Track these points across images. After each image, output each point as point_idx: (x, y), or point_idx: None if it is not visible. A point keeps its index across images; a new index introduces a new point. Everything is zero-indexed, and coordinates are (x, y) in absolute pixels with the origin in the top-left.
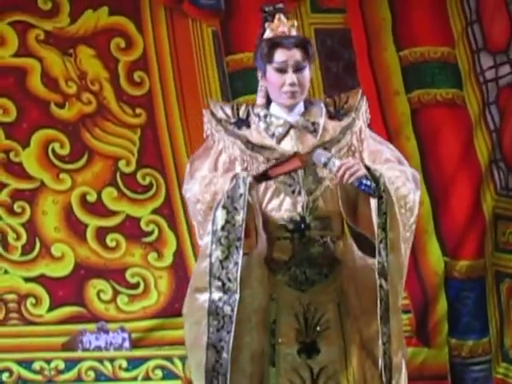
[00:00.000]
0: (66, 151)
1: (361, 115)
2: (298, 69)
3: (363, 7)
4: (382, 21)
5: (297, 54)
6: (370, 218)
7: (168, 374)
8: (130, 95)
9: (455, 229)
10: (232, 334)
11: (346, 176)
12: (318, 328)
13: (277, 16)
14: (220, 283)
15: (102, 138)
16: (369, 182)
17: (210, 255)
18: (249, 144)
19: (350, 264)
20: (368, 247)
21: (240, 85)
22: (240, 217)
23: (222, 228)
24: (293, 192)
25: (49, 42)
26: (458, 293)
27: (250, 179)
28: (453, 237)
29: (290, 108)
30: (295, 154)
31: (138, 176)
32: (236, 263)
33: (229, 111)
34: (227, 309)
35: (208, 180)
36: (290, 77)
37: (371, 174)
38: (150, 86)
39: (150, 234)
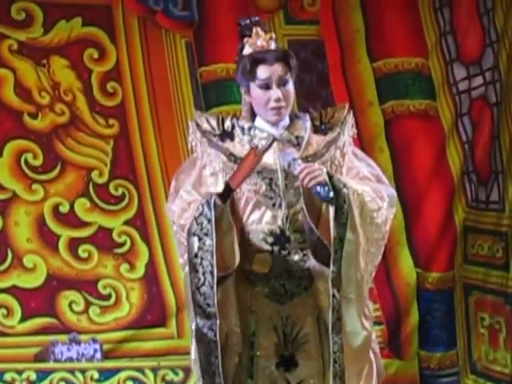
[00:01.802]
0: (38, 162)
1: (346, 130)
2: (281, 83)
3: (337, 19)
4: (355, 32)
5: (279, 69)
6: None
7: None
8: (103, 106)
9: (427, 240)
10: (219, 359)
11: (306, 180)
12: (297, 342)
13: (254, 30)
14: (201, 310)
15: (75, 149)
16: (326, 189)
17: (191, 283)
18: (231, 156)
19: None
20: (325, 256)
21: (213, 96)
22: (210, 242)
23: (195, 255)
24: (273, 205)
25: (22, 52)
26: (429, 304)
27: (217, 201)
28: (425, 248)
29: (275, 122)
30: (251, 149)
31: (111, 187)
32: (211, 287)
33: (214, 123)
34: (210, 334)
35: (185, 204)
36: (275, 92)
37: (333, 183)
38: (122, 97)
39: (122, 245)
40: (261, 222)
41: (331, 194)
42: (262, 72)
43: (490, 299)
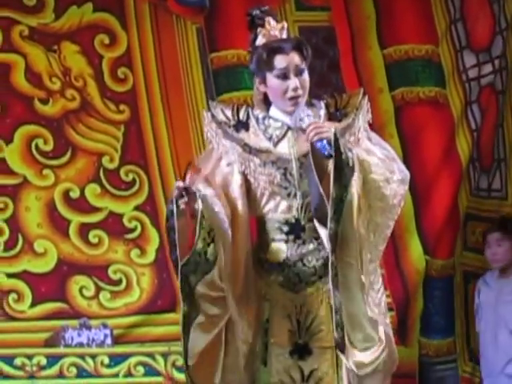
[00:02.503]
0: (49, 147)
1: (361, 115)
2: (298, 72)
3: (348, 5)
4: (366, 19)
5: (295, 58)
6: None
7: (150, 371)
8: (113, 91)
9: (435, 227)
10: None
11: (312, 134)
12: (311, 330)
13: (267, 19)
14: None
15: (86, 134)
16: (327, 146)
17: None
18: (246, 147)
19: None
20: (325, 215)
21: (224, 82)
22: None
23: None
24: (288, 195)
25: (33, 37)
26: (431, 291)
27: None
28: (433, 235)
29: (292, 111)
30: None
31: (122, 172)
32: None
33: (229, 113)
34: None
35: None
36: (293, 82)
37: (338, 143)
38: (133, 83)
39: (132, 230)
40: (276, 211)
41: (328, 151)
42: (280, 61)
43: None
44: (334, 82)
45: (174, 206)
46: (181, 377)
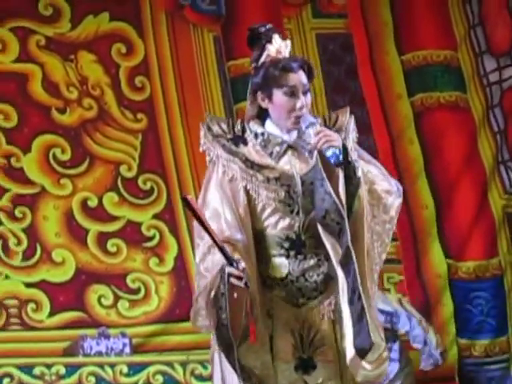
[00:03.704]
0: (67, 156)
1: (350, 134)
2: (304, 92)
3: (365, 12)
4: (383, 25)
5: (302, 77)
6: None
7: (168, 380)
8: (131, 100)
9: (460, 231)
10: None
11: (322, 141)
12: (314, 345)
13: (273, 36)
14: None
15: (103, 143)
16: (337, 153)
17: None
18: (248, 162)
19: None
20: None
21: (241, 90)
22: (225, 315)
23: (217, 327)
24: (291, 212)
25: (50, 47)
26: (465, 293)
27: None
28: (457, 239)
29: (292, 129)
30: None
31: (139, 181)
32: (234, 359)
33: (225, 126)
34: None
35: (206, 248)
36: (301, 101)
37: (347, 151)
38: (151, 91)
39: (151, 239)
40: (276, 226)
41: (340, 159)
42: (291, 79)
43: None
44: (352, 88)
45: (226, 285)
46: None
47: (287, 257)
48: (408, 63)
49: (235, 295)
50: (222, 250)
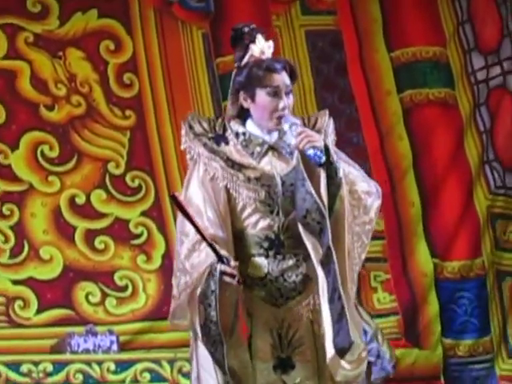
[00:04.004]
0: (55, 153)
1: (329, 136)
2: (287, 92)
3: (354, 9)
4: (373, 22)
5: (285, 78)
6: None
7: (156, 377)
8: (119, 97)
9: (445, 230)
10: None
11: (304, 141)
12: (292, 344)
13: (257, 37)
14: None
15: (92, 141)
16: (319, 153)
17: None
18: (229, 161)
19: None
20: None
21: (230, 87)
22: (213, 314)
23: (205, 324)
24: (271, 212)
25: (38, 44)
26: (451, 293)
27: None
28: (443, 238)
29: (273, 130)
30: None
31: (127, 178)
32: (222, 356)
33: (206, 125)
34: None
35: (191, 245)
36: (284, 101)
37: (329, 152)
38: (139, 88)
39: (138, 236)
40: (256, 226)
41: (323, 160)
42: (274, 80)
43: None
44: (342, 85)
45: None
46: (187, 383)
47: (266, 257)
48: (397, 60)
49: (227, 293)
50: (211, 246)
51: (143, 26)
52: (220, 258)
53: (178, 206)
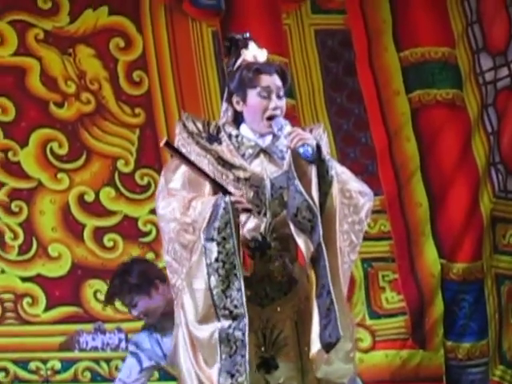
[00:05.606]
0: (64, 151)
1: (323, 147)
2: (279, 95)
3: (364, 8)
4: (382, 22)
5: (277, 80)
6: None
7: (164, 375)
8: (129, 95)
9: (452, 231)
10: (247, 357)
11: (295, 140)
12: (277, 344)
13: (250, 43)
14: (227, 311)
15: (101, 138)
16: (310, 150)
17: (210, 287)
18: (220, 160)
19: (305, 286)
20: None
21: None
22: (230, 245)
23: (216, 260)
24: (259, 213)
25: (48, 41)
26: (454, 295)
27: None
28: (450, 239)
29: (265, 133)
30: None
31: (137, 176)
32: (239, 289)
33: (200, 126)
34: (238, 334)
35: (187, 201)
36: (274, 101)
37: (320, 151)
38: (149, 86)
39: (147, 234)
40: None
41: (314, 156)
42: (264, 80)
43: None
44: (351, 85)
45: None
46: None
47: (253, 257)
48: (406, 60)
49: (239, 220)
50: (214, 181)
51: (153, 23)
52: (225, 191)
53: (174, 150)
